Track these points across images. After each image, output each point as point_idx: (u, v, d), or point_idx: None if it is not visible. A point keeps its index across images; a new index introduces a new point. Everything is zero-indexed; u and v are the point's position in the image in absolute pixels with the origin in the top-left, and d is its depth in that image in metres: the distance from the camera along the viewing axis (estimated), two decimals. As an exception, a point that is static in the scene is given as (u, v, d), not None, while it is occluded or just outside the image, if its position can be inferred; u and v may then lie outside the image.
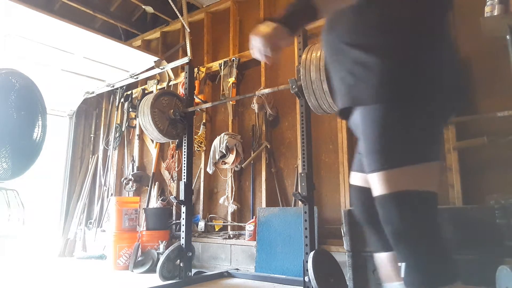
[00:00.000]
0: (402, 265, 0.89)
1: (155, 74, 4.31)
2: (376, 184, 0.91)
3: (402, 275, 0.89)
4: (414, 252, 0.87)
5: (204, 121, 3.93)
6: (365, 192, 1.07)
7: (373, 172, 0.92)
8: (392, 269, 1.05)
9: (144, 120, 3.14)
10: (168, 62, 3.90)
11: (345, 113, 1.07)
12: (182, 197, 2.90)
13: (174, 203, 3.93)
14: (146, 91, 4.54)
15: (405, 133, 0.90)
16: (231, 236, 3.51)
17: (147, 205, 4.06)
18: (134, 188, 4.38)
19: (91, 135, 5.20)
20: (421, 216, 0.88)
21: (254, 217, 3.38)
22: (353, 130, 1.12)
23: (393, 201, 0.88)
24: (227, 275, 3.09)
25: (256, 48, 0.97)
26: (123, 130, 4.77)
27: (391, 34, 0.92)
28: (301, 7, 0.93)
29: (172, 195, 3.93)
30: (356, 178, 1.19)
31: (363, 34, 0.95)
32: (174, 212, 4.01)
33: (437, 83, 0.92)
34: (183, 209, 2.92)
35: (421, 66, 0.91)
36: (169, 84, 4.37)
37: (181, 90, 3.82)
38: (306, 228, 2.35)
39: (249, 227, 3.30)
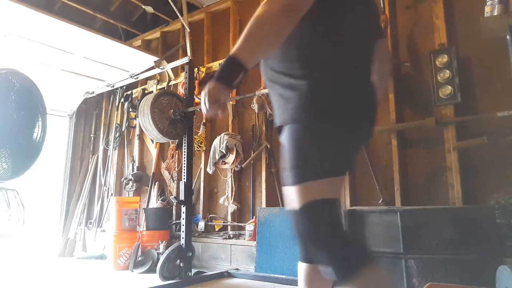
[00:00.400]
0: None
1: (155, 74, 4.30)
2: (291, 196, 1.04)
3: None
4: (322, 250, 1.00)
5: (204, 121, 3.93)
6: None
7: (287, 185, 1.07)
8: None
9: (144, 120, 3.14)
10: (168, 62, 3.89)
11: (279, 131, 1.22)
12: (182, 197, 2.90)
13: (174, 203, 3.93)
14: (146, 91, 4.54)
15: (314, 151, 1.04)
16: (231, 236, 3.51)
17: (147, 205, 4.06)
18: (134, 188, 4.38)
19: (91, 135, 5.20)
20: (325, 220, 1.01)
21: (254, 217, 3.38)
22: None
23: (302, 210, 1.00)
24: (227, 275, 3.09)
25: (202, 103, 1.06)
26: (123, 130, 4.77)
27: (306, 64, 1.07)
28: (231, 67, 1.01)
29: (172, 195, 3.93)
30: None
31: (288, 64, 1.09)
32: (174, 212, 4.01)
33: (345, 105, 1.06)
34: (183, 209, 2.92)
35: (331, 91, 1.04)
36: (169, 84, 4.37)
37: (181, 90, 3.82)
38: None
39: (249, 227, 3.30)
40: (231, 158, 3.48)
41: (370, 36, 1.23)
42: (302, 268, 1.20)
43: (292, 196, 1.04)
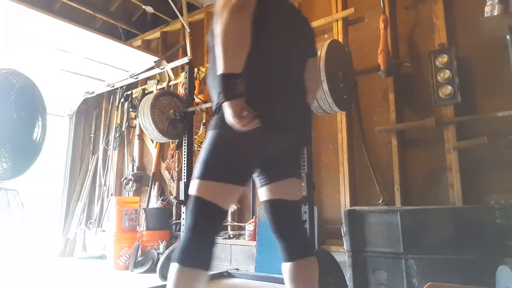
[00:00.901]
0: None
1: (155, 74, 4.30)
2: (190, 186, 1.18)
3: None
4: (184, 236, 1.12)
5: (204, 121, 3.93)
6: (272, 203, 1.29)
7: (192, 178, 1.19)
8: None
9: (144, 120, 3.15)
10: (168, 62, 3.89)
11: None
12: (182, 197, 2.90)
13: (174, 203, 3.93)
14: (146, 91, 4.54)
15: (216, 156, 1.16)
16: (231, 236, 3.51)
17: (147, 205, 4.06)
18: (134, 188, 4.38)
19: (91, 135, 5.20)
20: (202, 217, 1.13)
21: (254, 217, 3.38)
22: None
23: (191, 200, 1.14)
24: (227, 275, 3.09)
25: (236, 126, 1.10)
26: (123, 130, 4.77)
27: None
28: (225, 82, 1.09)
29: (172, 195, 3.93)
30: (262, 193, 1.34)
31: (213, 81, 1.25)
32: (174, 212, 4.01)
33: (263, 119, 1.12)
34: (183, 209, 2.92)
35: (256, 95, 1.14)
36: (169, 84, 4.37)
37: (181, 90, 3.82)
38: (306, 228, 2.35)
39: (249, 227, 3.30)
40: (231, 158, 3.48)
41: (300, 54, 1.34)
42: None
43: (191, 186, 1.18)
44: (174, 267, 1.11)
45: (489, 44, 2.47)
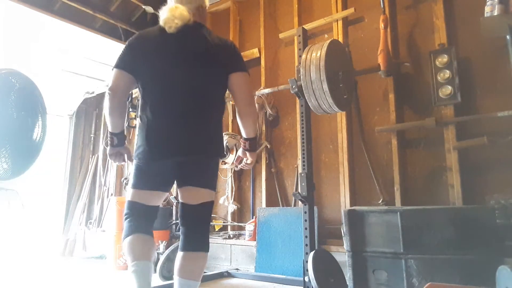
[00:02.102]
0: None
1: (155, 74, 4.30)
2: None
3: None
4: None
5: (204, 121, 3.92)
6: (180, 204, 1.69)
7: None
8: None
9: (144, 120, 3.12)
10: (168, 62, 3.89)
11: None
12: (182, 197, 2.90)
13: (174, 203, 3.92)
14: (146, 91, 4.53)
15: (132, 173, 1.68)
16: (231, 236, 3.51)
17: (147, 205, 4.05)
18: (134, 188, 4.37)
19: (91, 135, 5.19)
20: (126, 209, 1.65)
21: (254, 217, 3.38)
22: None
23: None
24: (227, 275, 3.09)
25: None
26: (123, 130, 4.76)
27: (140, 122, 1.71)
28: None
29: (172, 195, 3.93)
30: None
31: None
32: (174, 212, 4.01)
33: (144, 149, 1.59)
34: (183, 209, 2.92)
35: (140, 141, 1.64)
36: (169, 84, 4.36)
37: (181, 90, 3.81)
38: (306, 228, 2.35)
39: (249, 227, 3.30)
40: (231, 158, 3.48)
41: (193, 81, 1.59)
42: None
43: None
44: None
45: (489, 44, 2.47)
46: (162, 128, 1.58)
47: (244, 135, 1.73)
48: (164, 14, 1.65)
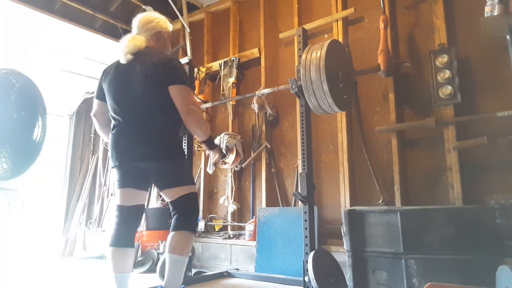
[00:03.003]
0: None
1: (155, 74, 4.30)
2: None
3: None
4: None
5: (204, 121, 3.92)
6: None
7: None
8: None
9: (144, 120, 3.12)
10: (168, 62, 3.89)
11: None
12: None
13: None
14: (146, 91, 4.53)
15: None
16: (231, 236, 3.51)
17: (147, 205, 4.06)
18: (134, 188, 4.37)
19: (91, 135, 5.20)
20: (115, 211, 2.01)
21: (254, 217, 3.38)
22: None
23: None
24: (227, 275, 3.09)
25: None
26: (123, 130, 4.76)
27: None
28: None
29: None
30: None
31: None
32: (174, 212, 4.01)
33: (112, 152, 1.94)
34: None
35: (109, 148, 1.97)
36: (169, 84, 4.36)
37: (181, 90, 3.81)
38: (306, 228, 2.35)
39: (249, 227, 3.30)
40: (231, 158, 3.48)
41: (139, 97, 1.88)
42: None
43: None
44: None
45: (489, 44, 2.47)
46: (114, 141, 1.93)
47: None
48: (120, 45, 1.99)
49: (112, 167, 1.98)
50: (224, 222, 3.67)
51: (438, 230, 1.97)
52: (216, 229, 3.68)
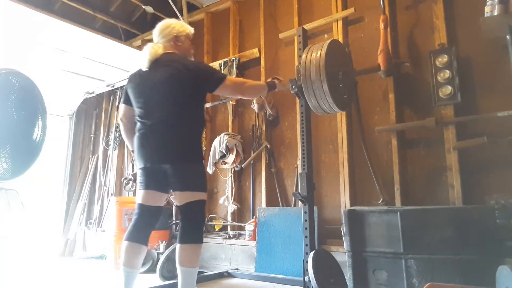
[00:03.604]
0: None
1: (155, 74, 4.30)
2: None
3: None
4: None
5: (204, 121, 3.93)
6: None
7: None
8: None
9: (144, 120, 3.11)
10: (168, 62, 3.89)
11: None
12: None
13: (174, 203, 3.92)
14: (146, 91, 4.53)
15: None
16: (231, 236, 3.51)
17: (147, 205, 4.05)
18: (134, 188, 4.38)
19: (91, 135, 5.20)
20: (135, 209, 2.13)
21: (254, 217, 3.38)
22: None
23: None
24: (227, 275, 3.09)
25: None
26: (123, 130, 4.76)
27: None
28: None
29: (172, 195, 3.93)
30: None
31: None
32: (174, 212, 4.01)
33: (137, 157, 2.06)
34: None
35: (135, 149, 2.08)
36: (169, 84, 4.36)
37: (181, 90, 3.81)
38: (306, 228, 2.35)
39: (249, 227, 3.30)
40: (231, 158, 3.48)
41: (164, 99, 1.99)
42: None
43: None
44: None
45: (489, 44, 2.47)
46: (140, 143, 2.02)
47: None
48: (141, 53, 2.10)
49: (138, 169, 2.08)
50: (224, 222, 3.67)
51: (438, 230, 1.97)
52: (216, 229, 3.68)
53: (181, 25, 2.22)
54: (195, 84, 2.01)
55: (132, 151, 2.14)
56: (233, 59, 3.77)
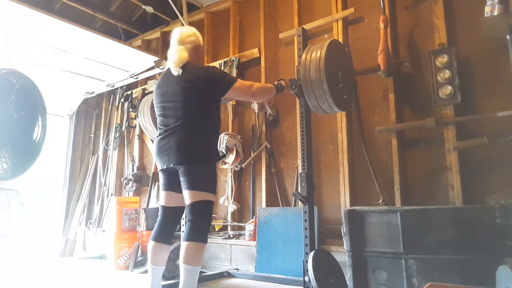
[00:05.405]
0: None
1: (155, 74, 4.31)
2: None
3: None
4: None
5: (204, 121, 3.92)
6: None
7: None
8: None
9: (144, 120, 3.14)
10: (168, 62, 3.89)
11: None
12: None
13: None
14: (146, 91, 4.53)
15: None
16: (231, 236, 3.51)
17: (147, 205, 4.06)
18: (134, 188, 4.38)
19: (91, 135, 5.20)
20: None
21: (254, 217, 3.38)
22: None
23: None
24: (227, 275, 3.09)
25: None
26: (123, 130, 4.77)
27: None
28: None
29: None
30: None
31: None
32: (174, 212, 4.01)
33: (156, 157, 2.16)
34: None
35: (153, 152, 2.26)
36: (169, 84, 4.36)
37: (181, 90, 3.81)
38: (306, 228, 2.35)
39: (249, 227, 3.30)
40: (231, 158, 3.48)
41: (180, 104, 2.09)
42: None
43: None
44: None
45: (489, 44, 2.47)
46: (158, 146, 2.14)
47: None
48: (168, 58, 2.18)
49: (158, 171, 2.20)
50: (224, 222, 3.66)
51: (438, 230, 1.97)
52: (216, 229, 3.68)
53: (200, 35, 2.31)
54: (208, 90, 2.09)
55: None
56: (233, 59, 3.77)
